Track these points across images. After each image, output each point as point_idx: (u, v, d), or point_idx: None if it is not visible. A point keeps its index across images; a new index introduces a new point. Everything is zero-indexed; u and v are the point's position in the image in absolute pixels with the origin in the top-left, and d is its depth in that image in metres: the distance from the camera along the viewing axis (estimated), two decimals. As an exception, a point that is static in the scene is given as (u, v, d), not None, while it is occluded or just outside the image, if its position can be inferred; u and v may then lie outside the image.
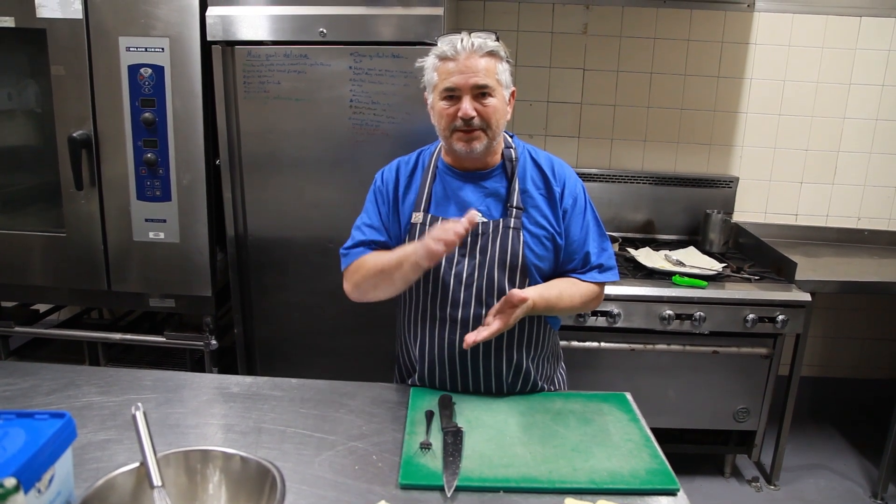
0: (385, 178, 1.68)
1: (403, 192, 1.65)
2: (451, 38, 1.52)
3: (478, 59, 1.50)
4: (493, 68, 1.52)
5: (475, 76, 1.50)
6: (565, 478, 1.26)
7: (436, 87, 1.55)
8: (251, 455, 1.12)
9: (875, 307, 3.29)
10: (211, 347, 2.48)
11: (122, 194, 2.31)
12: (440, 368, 1.62)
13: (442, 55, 1.52)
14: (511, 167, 1.62)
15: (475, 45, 1.50)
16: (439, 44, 1.54)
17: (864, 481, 2.90)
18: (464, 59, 1.50)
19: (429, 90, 1.59)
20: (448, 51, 1.51)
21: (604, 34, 3.00)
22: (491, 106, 1.52)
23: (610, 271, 1.67)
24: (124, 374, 1.69)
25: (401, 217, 1.64)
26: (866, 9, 2.95)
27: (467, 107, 1.50)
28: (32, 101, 2.46)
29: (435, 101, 1.56)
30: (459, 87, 1.51)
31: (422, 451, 1.33)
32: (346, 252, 1.66)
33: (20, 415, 1.00)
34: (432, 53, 1.56)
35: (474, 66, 1.50)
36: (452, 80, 1.51)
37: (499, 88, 1.54)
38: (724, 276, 2.61)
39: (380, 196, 1.67)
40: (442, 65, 1.53)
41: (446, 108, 1.53)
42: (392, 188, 1.65)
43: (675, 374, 2.57)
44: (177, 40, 2.19)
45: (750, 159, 3.13)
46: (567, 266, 1.65)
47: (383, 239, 1.64)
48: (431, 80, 1.56)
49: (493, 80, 1.52)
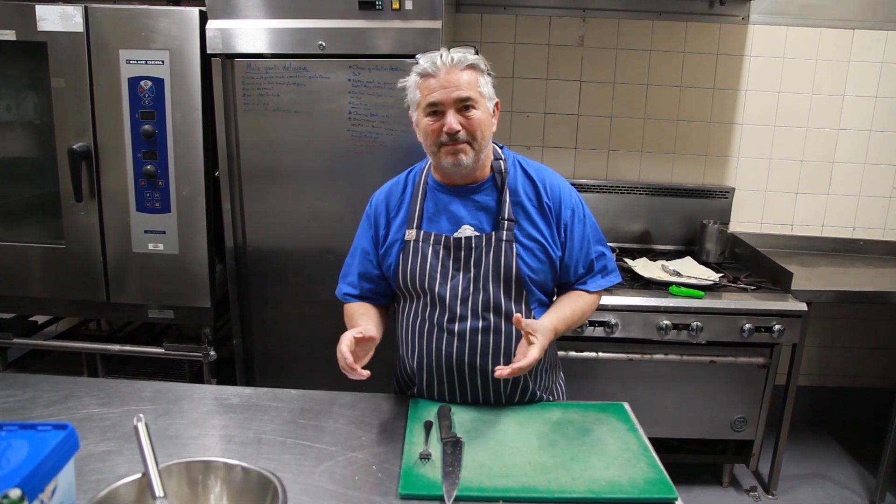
0: (374, 204, 1.72)
1: (395, 214, 1.67)
2: (431, 55, 1.54)
3: (459, 73, 1.52)
4: (474, 81, 1.54)
5: (457, 90, 1.51)
6: (564, 487, 1.27)
7: (419, 104, 1.56)
8: (252, 466, 1.12)
9: (871, 316, 3.31)
10: (210, 358, 2.48)
11: (122, 206, 2.32)
12: (438, 381, 1.63)
13: (423, 72, 1.54)
14: (501, 179, 1.63)
15: (455, 59, 1.52)
16: (420, 61, 1.55)
17: (861, 490, 2.90)
18: (444, 73, 1.51)
19: (413, 108, 1.60)
20: (429, 67, 1.52)
21: (600, 46, 3.02)
22: (475, 118, 1.53)
23: (612, 273, 1.73)
24: (124, 385, 1.69)
25: (391, 238, 1.66)
26: (859, 21, 2.98)
27: (452, 121, 1.51)
28: (33, 114, 2.48)
29: (420, 118, 1.57)
30: (442, 102, 1.52)
31: (421, 461, 1.34)
32: (341, 285, 1.75)
33: (23, 426, 1.01)
34: (413, 72, 1.57)
35: (456, 80, 1.51)
36: (435, 96, 1.52)
37: (482, 100, 1.55)
38: (721, 286, 2.62)
39: (367, 221, 1.72)
40: (423, 81, 1.54)
41: (431, 124, 1.54)
42: (383, 212, 1.69)
43: (672, 383, 2.57)
44: (177, 53, 2.20)
45: (746, 170, 3.15)
46: (576, 274, 1.68)
47: (375, 271, 1.70)
48: (414, 97, 1.57)
49: (476, 92, 1.54)
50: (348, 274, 1.74)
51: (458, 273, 1.59)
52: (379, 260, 1.68)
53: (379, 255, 1.68)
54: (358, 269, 1.71)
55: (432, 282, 1.58)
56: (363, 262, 1.70)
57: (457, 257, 1.59)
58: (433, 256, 1.59)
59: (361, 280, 1.71)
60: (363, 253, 1.71)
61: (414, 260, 1.60)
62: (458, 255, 1.59)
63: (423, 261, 1.60)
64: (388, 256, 1.66)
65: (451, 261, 1.59)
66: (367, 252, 1.70)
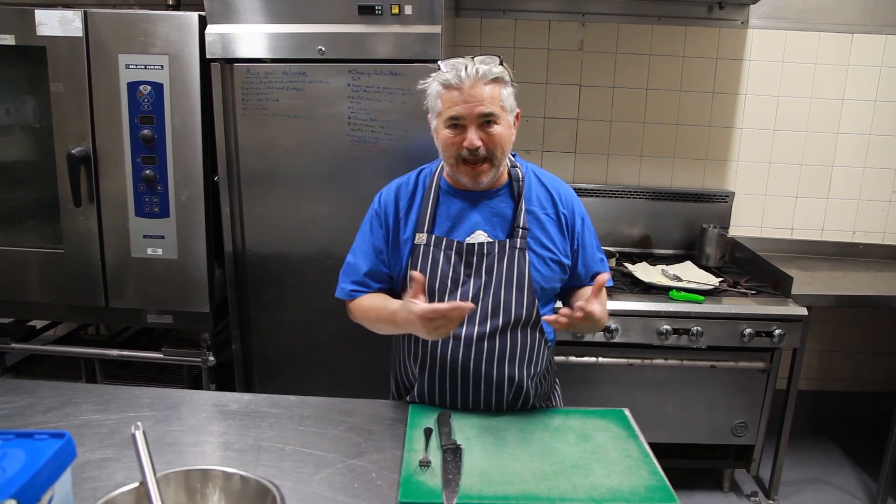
0: (384, 201, 1.68)
1: (405, 214, 1.64)
2: (455, 64, 1.50)
3: (482, 87, 1.49)
4: (497, 95, 1.51)
5: (480, 105, 1.49)
6: (565, 495, 1.26)
7: (440, 114, 1.54)
8: (251, 474, 1.11)
9: (871, 321, 3.30)
10: (209, 363, 2.48)
11: (121, 211, 2.32)
12: (440, 385, 1.62)
13: (446, 83, 1.51)
14: (518, 188, 1.62)
15: (480, 72, 1.49)
16: (442, 68, 1.52)
17: (862, 495, 2.89)
18: (468, 87, 1.49)
19: (433, 115, 1.59)
20: (452, 79, 1.49)
21: (599, 50, 3.02)
22: (496, 134, 1.52)
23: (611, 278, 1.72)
24: (122, 391, 1.69)
25: (401, 239, 1.63)
26: (858, 26, 2.98)
27: (473, 137, 1.50)
28: (32, 118, 2.47)
29: (439, 127, 1.56)
30: (464, 117, 1.50)
31: (421, 468, 1.33)
32: (345, 283, 1.69)
33: (19, 435, 1.00)
34: (436, 80, 1.54)
35: (479, 95, 1.49)
36: (457, 110, 1.50)
37: (503, 115, 1.53)
38: (721, 291, 2.62)
39: (377, 220, 1.67)
40: (446, 93, 1.51)
41: (451, 137, 1.53)
42: (392, 211, 1.65)
43: (672, 388, 2.57)
44: (176, 58, 2.20)
45: (745, 174, 3.15)
46: (587, 278, 1.70)
47: (385, 270, 1.65)
48: (436, 106, 1.55)
49: (498, 107, 1.51)
50: (353, 273, 1.68)
51: (469, 279, 1.58)
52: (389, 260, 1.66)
53: (389, 256, 1.65)
54: (367, 268, 1.66)
55: (442, 287, 1.57)
56: (375, 262, 1.66)
57: (468, 263, 1.58)
58: (444, 262, 1.58)
59: (370, 279, 1.66)
60: (376, 252, 1.65)
61: (424, 264, 1.58)
62: (469, 261, 1.58)
63: (434, 266, 1.58)
64: (398, 259, 1.64)
65: (463, 266, 1.58)
66: (380, 251, 1.65)
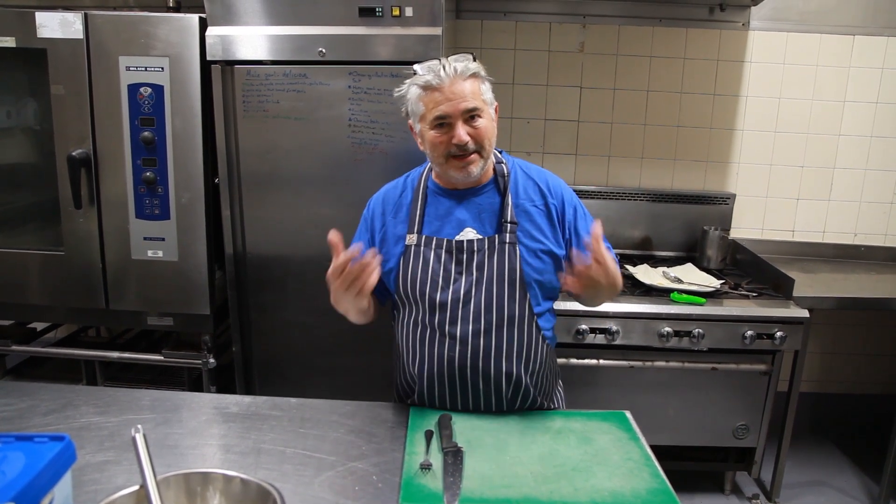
0: (371, 206, 1.72)
1: (392, 217, 1.66)
2: (431, 66, 1.53)
3: (462, 84, 1.51)
4: (477, 90, 1.54)
5: (464, 101, 1.51)
6: (566, 498, 1.26)
7: (423, 116, 1.55)
8: (251, 477, 1.11)
9: (873, 323, 3.30)
10: (209, 366, 2.47)
11: (121, 213, 2.31)
12: (440, 386, 1.61)
13: (426, 85, 1.52)
14: (503, 182, 1.63)
15: (458, 69, 1.51)
16: (419, 71, 1.54)
17: (864, 498, 2.88)
18: (449, 86, 1.50)
19: (415, 120, 1.59)
20: (432, 80, 1.51)
21: (600, 52, 3.02)
22: (482, 127, 1.54)
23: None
24: (122, 394, 1.68)
25: (389, 242, 1.65)
26: (859, 27, 2.98)
27: (461, 133, 1.51)
28: (32, 120, 2.47)
29: (425, 130, 1.56)
30: (450, 115, 1.51)
31: (422, 471, 1.33)
32: None
33: (19, 437, 1.00)
34: (413, 83, 1.56)
35: (461, 92, 1.51)
36: (442, 109, 1.51)
37: (486, 108, 1.56)
38: (723, 293, 2.62)
39: (364, 224, 1.72)
40: (427, 94, 1.53)
41: (439, 137, 1.54)
42: (379, 215, 1.68)
43: (674, 391, 2.56)
44: (176, 60, 2.20)
45: (746, 176, 3.14)
46: None
47: None
48: (417, 109, 1.56)
49: (480, 101, 1.54)
50: None
51: (461, 277, 1.58)
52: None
53: None
54: None
55: (434, 286, 1.57)
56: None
57: (459, 260, 1.58)
58: (435, 261, 1.58)
59: None
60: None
61: (415, 265, 1.59)
62: (460, 259, 1.58)
63: (426, 265, 1.59)
64: (388, 261, 1.64)
65: (454, 264, 1.58)
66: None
